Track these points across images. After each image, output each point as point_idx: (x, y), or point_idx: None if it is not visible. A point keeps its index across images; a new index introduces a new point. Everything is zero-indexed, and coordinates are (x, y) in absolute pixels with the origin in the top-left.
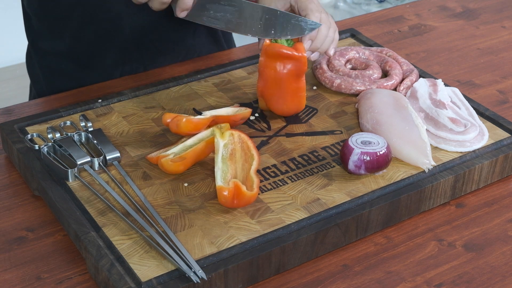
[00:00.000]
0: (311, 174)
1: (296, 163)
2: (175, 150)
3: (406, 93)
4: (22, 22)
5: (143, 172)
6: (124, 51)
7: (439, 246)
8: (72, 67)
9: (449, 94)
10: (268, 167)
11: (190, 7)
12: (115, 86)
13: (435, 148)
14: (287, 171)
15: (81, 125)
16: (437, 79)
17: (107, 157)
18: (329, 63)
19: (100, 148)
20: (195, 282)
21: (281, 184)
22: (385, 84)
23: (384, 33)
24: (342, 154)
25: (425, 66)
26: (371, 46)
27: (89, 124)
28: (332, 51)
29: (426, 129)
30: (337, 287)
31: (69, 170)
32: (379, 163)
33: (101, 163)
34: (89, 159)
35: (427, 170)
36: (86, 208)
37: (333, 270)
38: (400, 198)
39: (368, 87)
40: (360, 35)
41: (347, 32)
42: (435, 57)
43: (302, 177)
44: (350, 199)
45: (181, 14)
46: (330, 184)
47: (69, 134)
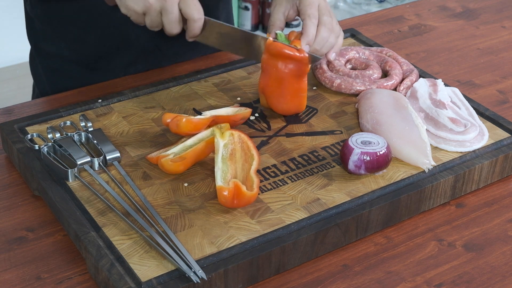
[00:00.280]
0: (311, 174)
1: (296, 163)
2: (175, 150)
3: (406, 93)
4: (23, 22)
5: (143, 172)
6: (129, 55)
7: (439, 246)
8: (76, 68)
9: (449, 94)
10: (268, 167)
11: (199, 35)
12: (115, 86)
13: (435, 148)
14: (287, 171)
15: (81, 125)
16: (437, 79)
17: (107, 157)
18: (329, 63)
19: (100, 148)
20: (195, 282)
21: (281, 184)
22: (385, 84)
23: (384, 33)
24: (342, 154)
25: (425, 66)
26: (371, 46)
27: (89, 124)
28: (333, 55)
29: (426, 129)
30: (337, 287)
31: (69, 170)
32: (379, 163)
33: (101, 163)
34: (89, 159)
35: (427, 170)
36: (86, 208)
37: (333, 270)
38: (400, 198)
39: (368, 87)
40: (360, 35)
41: (347, 32)
42: (435, 57)
43: (302, 177)
44: (350, 199)
45: (190, 39)
46: (330, 184)
47: (69, 134)
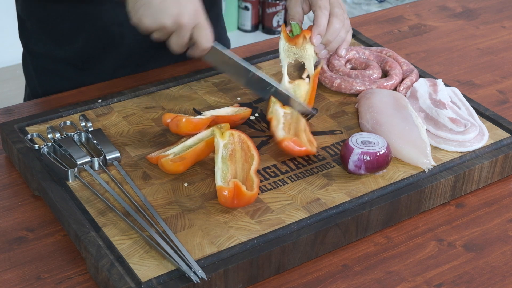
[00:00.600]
0: (311, 174)
1: (296, 163)
2: (175, 150)
3: (406, 93)
4: None
5: (143, 172)
6: (122, 56)
7: (439, 246)
8: (66, 69)
9: (449, 94)
10: (268, 167)
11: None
12: (115, 86)
13: (435, 148)
14: (287, 171)
15: (81, 125)
16: (437, 79)
17: (107, 157)
18: (329, 63)
19: (100, 148)
20: (195, 282)
21: (281, 184)
22: (385, 84)
23: (384, 33)
24: (342, 154)
25: (425, 66)
26: (371, 46)
27: (89, 124)
28: (344, 51)
29: (426, 129)
30: (337, 287)
31: (69, 170)
32: (379, 163)
33: (101, 163)
34: (89, 159)
35: (427, 170)
36: (86, 208)
37: (333, 270)
38: (400, 198)
39: (368, 87)
40: (360, 35)
41: None
42: (435, 57)
43: (302, 177)
44: (350, 199)
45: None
46: (330, 184)
47: (69, 134)
